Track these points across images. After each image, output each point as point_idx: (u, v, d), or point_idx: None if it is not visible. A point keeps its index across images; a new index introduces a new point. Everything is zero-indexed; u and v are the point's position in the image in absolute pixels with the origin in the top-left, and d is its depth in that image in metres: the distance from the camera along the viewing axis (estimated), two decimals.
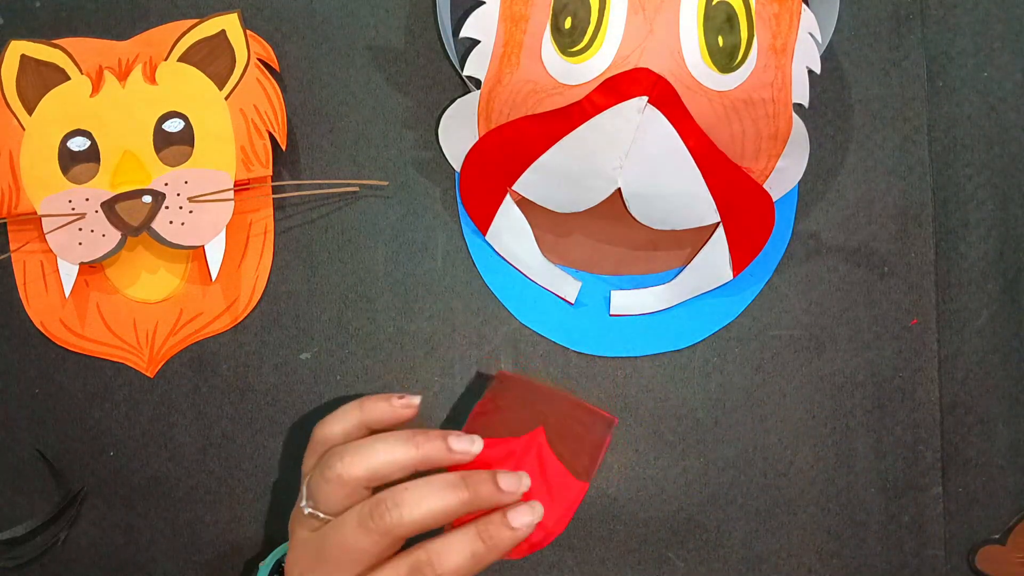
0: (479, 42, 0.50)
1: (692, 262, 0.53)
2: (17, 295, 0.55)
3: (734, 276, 0.52)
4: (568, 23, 0.49)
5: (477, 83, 0.51)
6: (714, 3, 0.48)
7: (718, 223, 0.51)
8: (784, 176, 0.51)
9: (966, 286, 0.54)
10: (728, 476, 0.54)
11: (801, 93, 0.50)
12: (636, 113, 0.48)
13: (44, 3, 0.55)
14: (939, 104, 0.54)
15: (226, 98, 0.53)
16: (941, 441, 0.54)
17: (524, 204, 0.53)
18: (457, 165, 0.53)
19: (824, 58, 0.53)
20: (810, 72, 0.50)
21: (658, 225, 0.51)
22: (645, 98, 0.47)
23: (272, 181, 0.54)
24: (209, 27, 0.53)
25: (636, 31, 0.48)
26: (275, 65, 0.54)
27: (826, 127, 0.54)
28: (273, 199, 0.55)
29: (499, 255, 0.54)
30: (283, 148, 0.54)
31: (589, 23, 0.48)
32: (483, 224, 0.53)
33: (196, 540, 0.55)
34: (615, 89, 0.48)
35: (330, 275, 0.55)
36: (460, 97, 0.52)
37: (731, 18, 0.48)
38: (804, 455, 0.54)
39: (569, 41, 0.49)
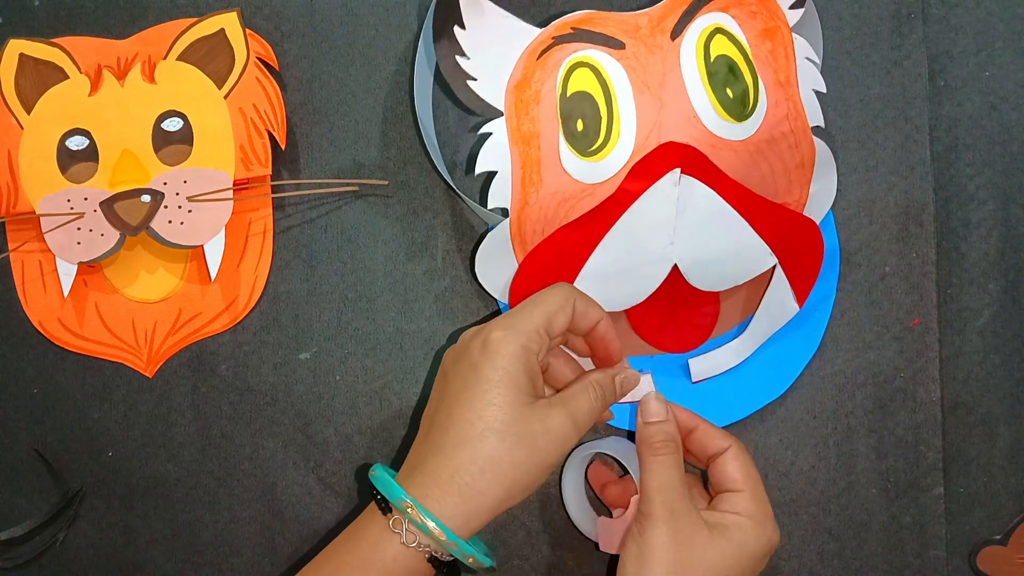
0: (496, 173, 0.50)
1: (759, 308, 0.52)
2: (15, 295, 0.55)
3: (800, 307, 0.52)
4: (580, 125, 0.49)
5: (504, 212, 0.50)
6: (712, 60, 0.49)
7: (774, 264, 0.51)
8: (820, 199, 0.51)
9: (967, 286, 0.54)
10: None
11: (815, 115, 0.50)
12: (673, 187, 0.48)
13: (43, 2, 0.55)
14: (940, 103, 0.54)
15: (225, 97, 0.53)
16: (942, 441, 0.54)
17: None
18: (502, 297, 0.52)
19: (825, 57, 0.53)
20: (817, 93, 0.50)
21: (720, 287, 0.50)
22: (678, 170, 0.48)
23: (271, 181, 0.54)
24: (208, 26, 0.53)
25: (648, 111, 0.49)
26: (275, 64, 0.54)
27: (827, 126, 0.54)
28: (272, 199, 0.55)
29: None
30: (282, 148, 0.54)
31: (600, 119, 0.49)
32: None
33: (195, 540, 0.55)
34: (646, 172, 0.48)
35: (330, 275, 0.55)
36: (489, 231, 0.51)
37: (732, 68, 0.49)
38: (805, 455, 0.54)
39: (586, 142, 0.49)
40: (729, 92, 0.49)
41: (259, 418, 0.55)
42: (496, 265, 0.51)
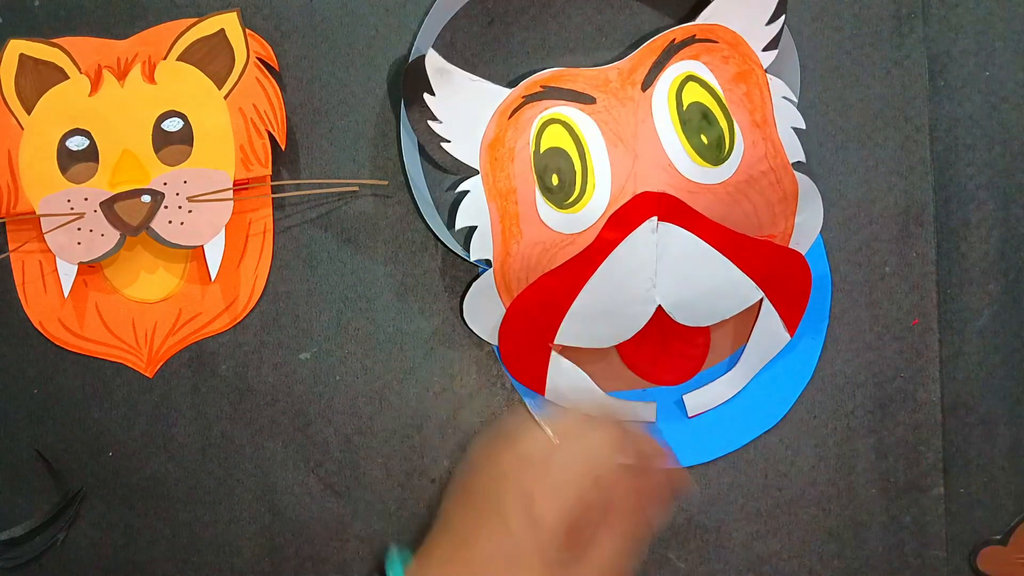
0: (476, 227, 0.51)
1: (750, 340, 0.52)
2: (16, 295, 0.55)
3: (791, 336, 0.52)
4: (555, 180, 0.50)
5: (488, 263, 0.51)
6: (685, 107, 0.49)
7: (762, 297, 0.51)
8: (805, 229, 0.52)
9: (967, 286, 0.54)
10: (729, 477, 0.54)
11: (794, 151, 0.51)
12: (651, 234, 0.49)
13: (43, 2, 0.55)
14: (941, 103, 0.54)
15: (225, 97, 0.53)
16: (942, 442, 0.54)
17: (568, 350, 0.52)
18: (491, 339, 0.52)
19: (825, 57, 0.53)
20: (796, 130, 0.51)
21: (707, 322, 0.51)
22: (655, 218, 0.48)
23: (271, 181, 0.54)
24: (208, 26, 0.53)
25: (622, 162, 0.49)
26: (274, 64, 0.54)
27: (827, 126, 0.54)
28: (272, 199, 0.55)
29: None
30: (282, 148, 0.54)
31: (575, 173, 0.49)
32: (538, 386, 0.52)
33: (195, 540, 0.55)
34: (623, 221, 0.49)
35: (330, 275, 0.55)
36: (474, 280, 0.52)
37: (706, 114, 0.49)
38: (805, 456, 0.54)
39: (562, 196, 0.50)
40: (703, 138, 0.49)
41: (259, 418, 0.55)
42: (484, 310, 0.52)
